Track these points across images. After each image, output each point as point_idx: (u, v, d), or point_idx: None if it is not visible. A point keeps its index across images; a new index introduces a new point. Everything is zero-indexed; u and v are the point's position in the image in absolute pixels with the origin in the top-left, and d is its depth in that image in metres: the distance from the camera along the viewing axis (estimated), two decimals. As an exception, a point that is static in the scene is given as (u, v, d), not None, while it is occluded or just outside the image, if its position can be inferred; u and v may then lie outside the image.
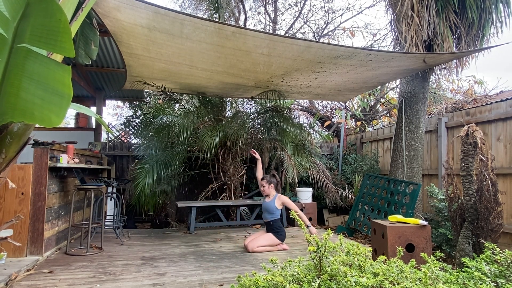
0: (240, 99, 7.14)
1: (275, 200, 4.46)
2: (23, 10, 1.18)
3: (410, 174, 5.09)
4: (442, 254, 2.82)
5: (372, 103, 10.14)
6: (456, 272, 2.01)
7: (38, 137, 3.83)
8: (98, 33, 3.67)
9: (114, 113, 12.56)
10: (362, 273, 1.82)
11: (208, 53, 4.03)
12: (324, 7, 14.04)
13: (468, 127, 3.27)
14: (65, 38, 1.24)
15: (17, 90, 1.33)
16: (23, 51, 1.27)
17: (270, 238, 4.26)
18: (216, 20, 6.45)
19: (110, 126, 8.97)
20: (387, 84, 8.92)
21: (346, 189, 6.50)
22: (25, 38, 1.26)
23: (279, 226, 4.40)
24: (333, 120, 9.45)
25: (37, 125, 1.54)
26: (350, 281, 1.66)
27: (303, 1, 11.15)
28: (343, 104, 9.84)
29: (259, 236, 4.33)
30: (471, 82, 8.63)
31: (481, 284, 1.82)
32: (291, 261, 2.05)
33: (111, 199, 5.76)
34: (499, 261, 2.10)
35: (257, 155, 4.86)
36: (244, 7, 10.35)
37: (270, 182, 4.58)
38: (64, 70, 1.27)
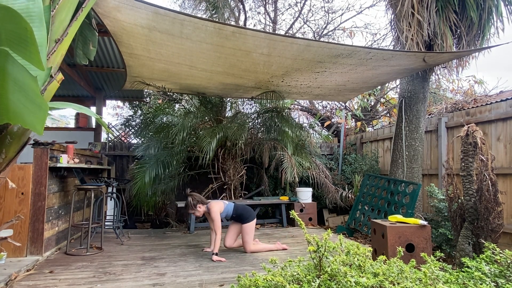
0: (240, 99, 7.15)
1: (210, 212, 4.04)
2: None
3: (410, 174, 5.09)
4: (442, 254, 2.82)
5: (372, 103, 10.14)
6: (456, 272, 2.01)
7: (38, 137, 3.83)
8: (97, 34, 3.67)
9: (114, 113, 12.54)
10: (362, 273, 1.82)
11: (208, 53, 4.03)
12: (324, 7, 14.05)
13: (468, 127, 3.27)
14: (32, 48, 1.20)
15: (6, 92, 1.32)
16: (3, 53, 1.25)
17: (243, 229, 4.13)
18: (216, 20, 6.45)
19: (110, 126, 8.97)
20: (387, 84, 8.92)
21: (346, 189, 6.50)
22: (2, 41, 1.23)
23: (240, 213, 4.16)
24: (333, 120, 9.45)
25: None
26: (350, 281, 1.66)
27: (303, 1, 11.16)
28: (343, 104, 9.84)
29: (236, 233, 4.26)
30: (471, 82, 8.64)
31: (481, 284, 1.82)
32: (291, 261, 2.05)
33: (111, 199, 5.76)
34: (499, 261, 2.10)
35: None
36: (244, 7, 10.35)
37: (195, 205, 4.04)
38: (33, 80, 1.23)
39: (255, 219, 4.25)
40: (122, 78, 6.28)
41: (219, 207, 4.11)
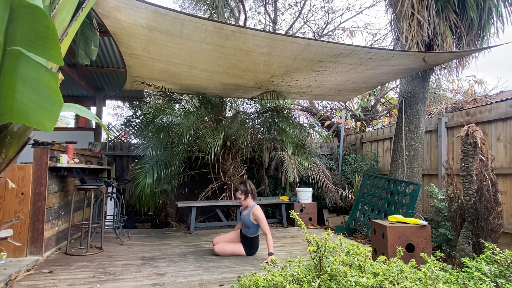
0: (240, 99, 7.15)
1: (250, 214, 4.01)
2: (9, 14, 1.18)
3: (410, 174, 5.09)
4: (442, 254, 2.82)
5: (372, 103, 10.14)
6: (456, 272, 2.01)
7: (38, 137, 3.83)
8: (98, 33, 3.67)
9: (114, 113, 12.57)
10: (362, 273, 1.82)
11: (208, 53, 4.03)
12: (324, 7, 14.06)
13: (468, 127, 3.27)
14: (53, 45, 1.22)
15: (12, 92, 1.33)
16: (15, 54, 1.27)
17: (238, 248, 4.02)
18: (216, 19, 6.45)
19: (110, 126, 8.97)
20: (387, 84, 8.92)
21: (346, 189, 6.50)
22: (17, 41, 1.25)
23: (254, 244, 4.05)
24: (333, 120, 9.45)
25: (36, 126, 1.54)
26: (350, 281, 1.66)
27: (303, 1, 11.16)
28: (343, 104, 9.85)
29: (229, 241, 4.13)
30: (471, 82, 8.64)
31: (481, 284, 1.82)
32: (291, 261, 2.05)
33: (111, 199, 5.76)
34: (499, 261, 2.10)
35: None
36: (244, 7, 10.35)
37: (248, 193, 4.09)
38: (52, 76, 1.26)
39: (249, 256, 4.05)
40: (122, 78, 6.28)
41: (261, 211, 4.02)
